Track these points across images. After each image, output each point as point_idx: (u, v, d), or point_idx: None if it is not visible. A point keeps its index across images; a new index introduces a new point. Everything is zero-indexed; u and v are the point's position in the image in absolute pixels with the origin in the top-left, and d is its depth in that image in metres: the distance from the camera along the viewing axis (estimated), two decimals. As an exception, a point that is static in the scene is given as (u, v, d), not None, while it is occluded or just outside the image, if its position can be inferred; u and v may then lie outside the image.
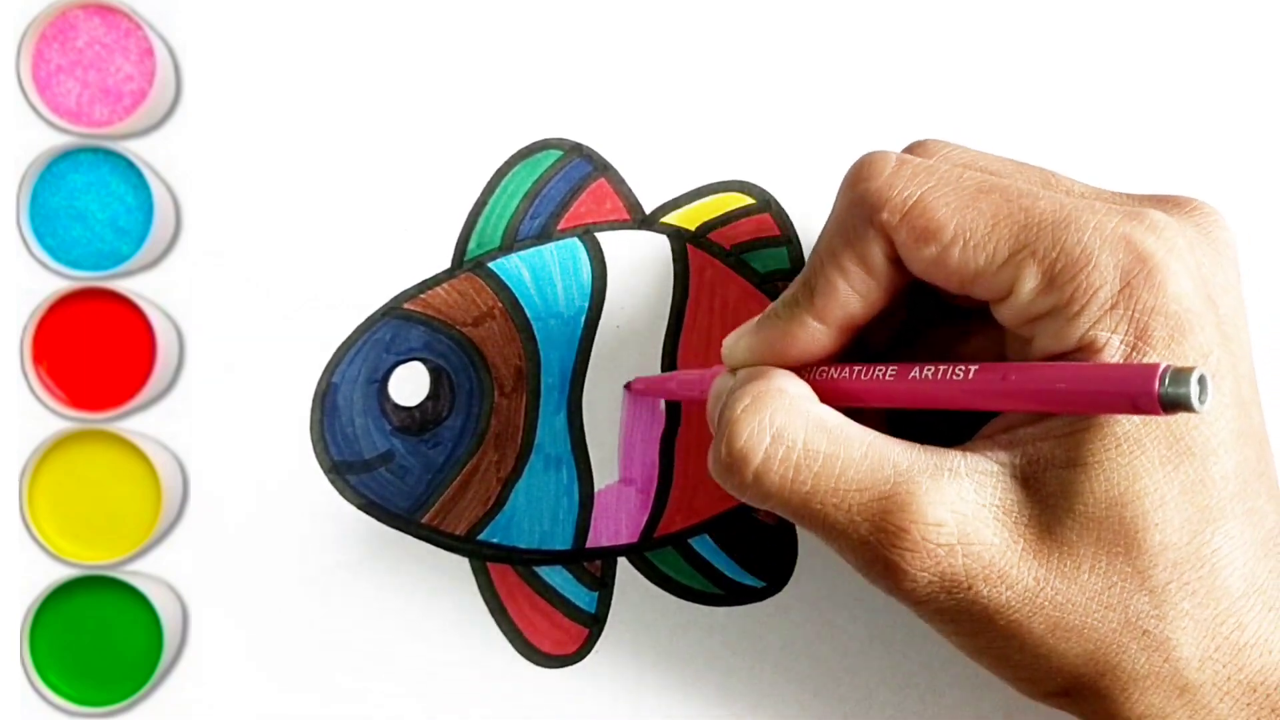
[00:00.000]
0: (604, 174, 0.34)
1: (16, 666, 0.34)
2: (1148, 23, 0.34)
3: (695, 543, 0.34)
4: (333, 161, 0.34)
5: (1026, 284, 0.25)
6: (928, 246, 0.25)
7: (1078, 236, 0.24)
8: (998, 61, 0.34)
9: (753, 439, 0.26)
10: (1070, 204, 0.25)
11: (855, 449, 0.25)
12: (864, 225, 0.26)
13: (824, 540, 0.26)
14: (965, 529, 0.24)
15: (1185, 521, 0.24)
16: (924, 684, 0.34)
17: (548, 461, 0.34)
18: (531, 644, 0.34)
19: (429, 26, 0.34)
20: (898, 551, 0.24)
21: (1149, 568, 0.24)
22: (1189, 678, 0.24)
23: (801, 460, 0.26)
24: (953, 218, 0.25)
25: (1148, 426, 0.24)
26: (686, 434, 0.34)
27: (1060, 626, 0.24)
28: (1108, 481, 0.24)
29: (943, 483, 0.25)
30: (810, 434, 0.26)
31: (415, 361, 0.34)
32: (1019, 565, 0.24)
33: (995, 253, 0.25)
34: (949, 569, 0.24)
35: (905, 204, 0.25)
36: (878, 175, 0.26)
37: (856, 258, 0.26)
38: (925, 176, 0.26)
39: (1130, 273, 0.24)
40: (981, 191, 0.25)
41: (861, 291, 0.27)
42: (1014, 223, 0.25)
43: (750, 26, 0.34)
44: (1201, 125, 0.34)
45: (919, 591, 0.25)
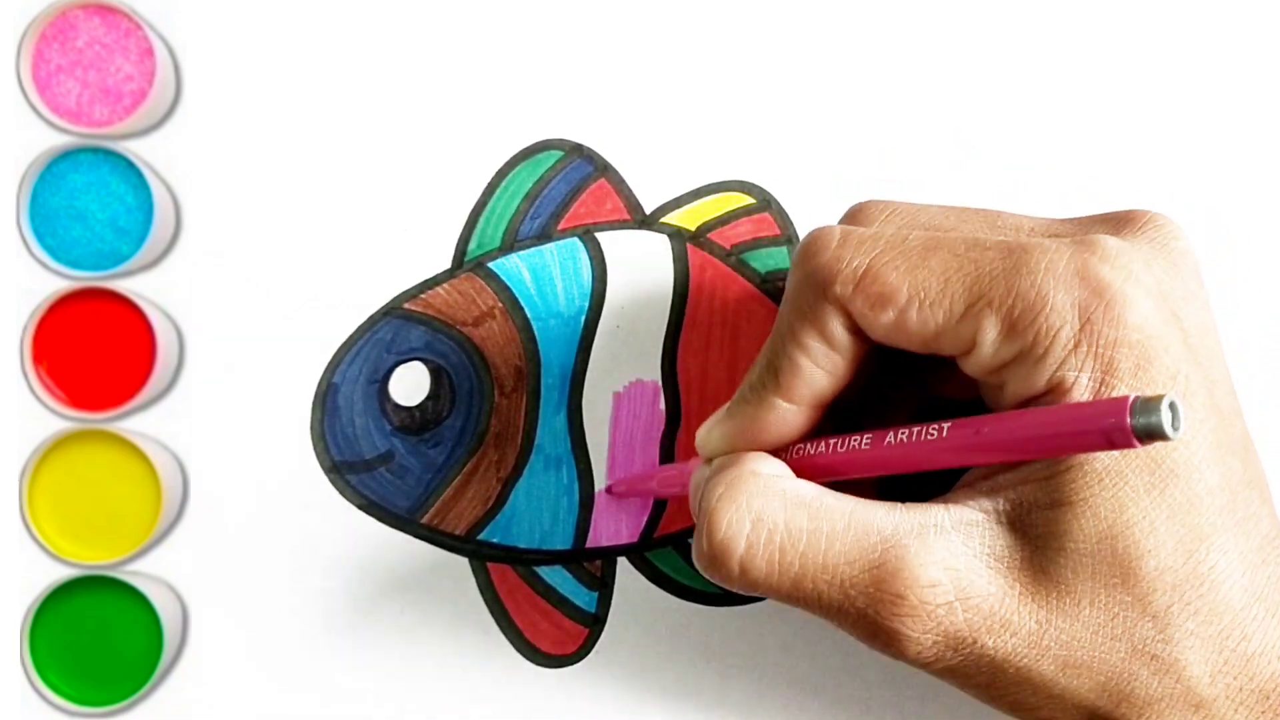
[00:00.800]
0: (604, 174, 0.34)
1: (16, 666, 0.34)
2: (1145, 25, 0.34)
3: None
4: (333, 161, 0.34)
5: (987, 335, 0.24)
6: (884, 312, 0.25)
7: (1030, 280, 0.24)
8: (996, 61, 0.34)
9: (732, 528, 0.26)
10: (1019, 246, 0.25)
11: (837, 521, 0.25)
12: (819, 300, 0.26)
13: (821, 617, 0.26)
14: (961, 584, 0.24)
15: (1178, 543, 0.24)
16: (923, 684, 0.34)
17: (548, 461, 0.34)
18: (531, 644, 0.34)
19: (429, 27, 0.34)
20: (898, 619, 0.24)
21: (1148, 594, 0.24)
22: (1202, 694, 0.24)
23: (785, 541, 0.25)
24: (904, 280, 0.25)
25: (1127, 457, 0.24)
26: (686, 434, 0.34)
27: (1069, 664, 0.24)
28: (1095, 517, 0.24)
29: (930, 541, 0.25)
30: (790, 513, 0.25)
31: (415, 361, 0.34)
32: (1019, 611, 0.24)
33: (952, 308, 0.25)
34: (951, 627, 0.24)
35: (856, 274, 0.25)
36: (825, 250, 0.26)
37: (816, 334, 0.26)
38: (871, 244, 0.26)
39: (1088, 308, 0.24)
40: (929, 250, 0.25)
41: (826, 367, 0.26)
42: (965, 275, 0.25)
43: (750, 27, 0.34)
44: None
45: (925, 654, 0.25)
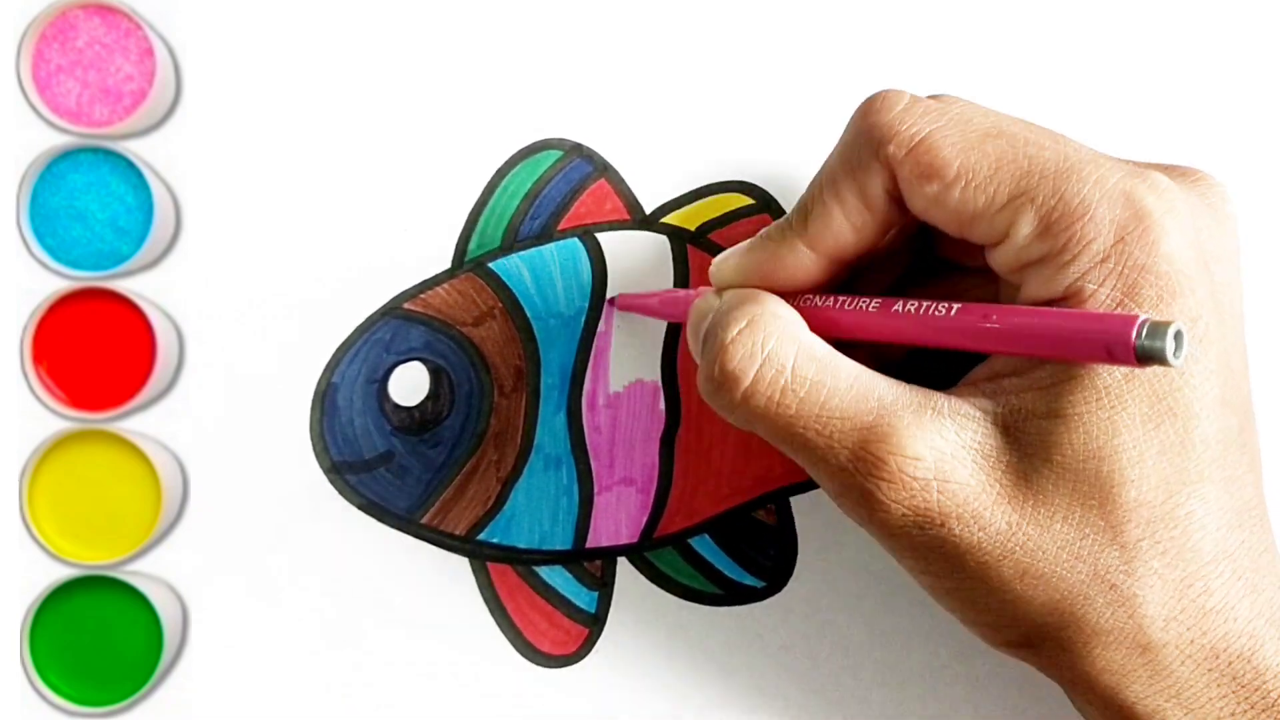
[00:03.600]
0: (604, 174, 0.34)
1: (16, 666, 0.34)
2: (1151, 7, 0.34)
3: (695, 543, 0.34)
4: (333, 161, 0.34)
5: (1022, 229, 0.25)
6: (930, 184, 0.25)
7: (1077, 187, 0.24)
8: (996, 60, 0.34)
9: (745, 360, 0.26)
10: (1075, 156, 0.25)
11: (842, 379, 0.26)
12: (868, 156, 0.26)
13: (804, 465, 0.26)
14: (943, 466, 0.25)
15: (1162, 481, 0.24)
16: (923, 683, 0.34)
17: (547, 461, 0.34)
18: (531, 644, 0.34)
19: (429, 27, 0.34)
20: (874, 481, 0.25)
21: (1121, 523, 0.24)
22: (1152, 636, 0.25)
23: (789, 385, 0.26)
24: (957, 157, 0.25)
25: (1131, 383, 0.24)
26: (686, 434, 0.34)
27: (1029, 573, 0.25)
28: (1086, 434, 0.24)
29: (925, 419, 0.25)
30: (800, 360, 0.26)
31: (415, 361, 0.34)
32: (993, 508, 0.25)
33: (995, 196, 0.25)
34: (923, 503, 0.25)
35: (912, 140, 0.26)
36: (889, 109, 0.26)
37: (856, 188, 0.27)
38: (935, 116, 0.26)
39: (1125, 228, 0.24)
40: (989, 135, 0.25)
41: (856, 223, 0.27)
42: (1017, 168, 0.25)
43: (750, 27, 0.34)
44: (1207, 107, 0.34)
45: (892, 523, 0.25)
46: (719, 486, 0.34)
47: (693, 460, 0.34)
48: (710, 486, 0.34)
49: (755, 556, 0.34)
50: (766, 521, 0.34)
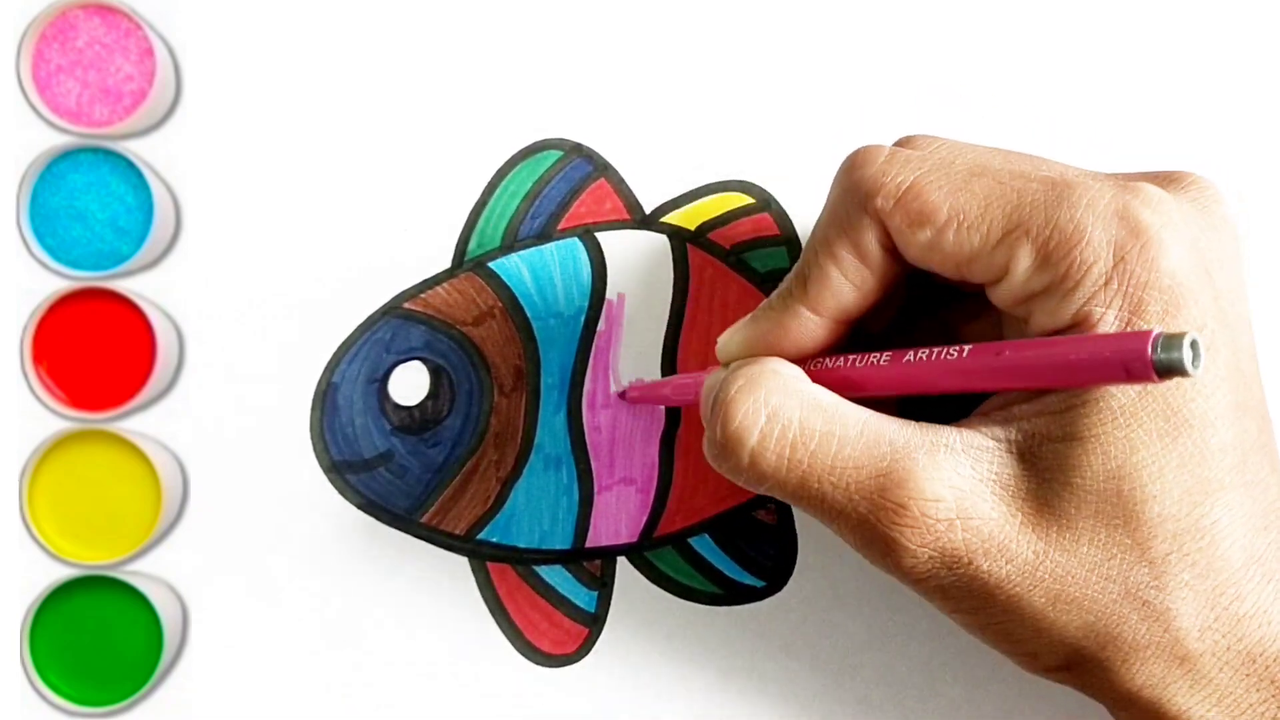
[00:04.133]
0: (604, 174, 0.34)
1: (16, 666, 0.34)
2: (1139, 8, 0.34)
3: (695, 542, 0.34)
4: (332, 161, 0.34)
5: (1021, 263, 0.25)
6: (922, 230, 0.25)
7: (1070, 213, 0.24)
8: (996, 59, 0.34)
9: (747, 419, 0.26)
10: (1062, 181, 0.25)
11: (851, 427, 0.26)
12: (858, 213, 0.26)
13: (822, 520, 0.26)
14: (964, 503, 0.24)
15: (1184, 493, 0.24)
16: (923, 683, 0.34)
17: (547, 461, 0.34)
18: (531, 643, 0.34)
19: (429, 27, 0.34)
20: (897, 529, 0.25)
21: (1148, 539, 0.24)
22: (1189, 647, 0.25)
23: (798, 439, 0.26)
24: (946, 200, 0.25)
25: (1144, 400, 0.24)
26: (686, 434, 0.34)
27: (1061, 599, 0.25)
28: (1105, 455, 0.24)
29: (939, 458, 0.25)
30: (806, 412, 0.26)
31: (415, 361, 0.34)
32: (1018, 539, 0.24)
33: (989, 233, 0.25)
34: (949, 544, 0.24)
35: (899, 189, 0.26)
36: (871, 163, 0.26)
37: (851, 246, 0.26)
38: (918, 164, 0.26)
39: (1124, 247, 0.24)
40: (973, 175, 0.25)
41: (855, 281, 0.27)
42: (1006, 203, 0.25)
43: (749, 27, 0.34)
44: (1195, 110, 0.34)
45: (919, 569, 0.25)
46: (719, 486, 0.34)
47: (693, 460, 0.34)
48: (710, 486, 0.34)
49: (755, 556, 0.34)
50: (766, 521, 0.34)
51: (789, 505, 0.34)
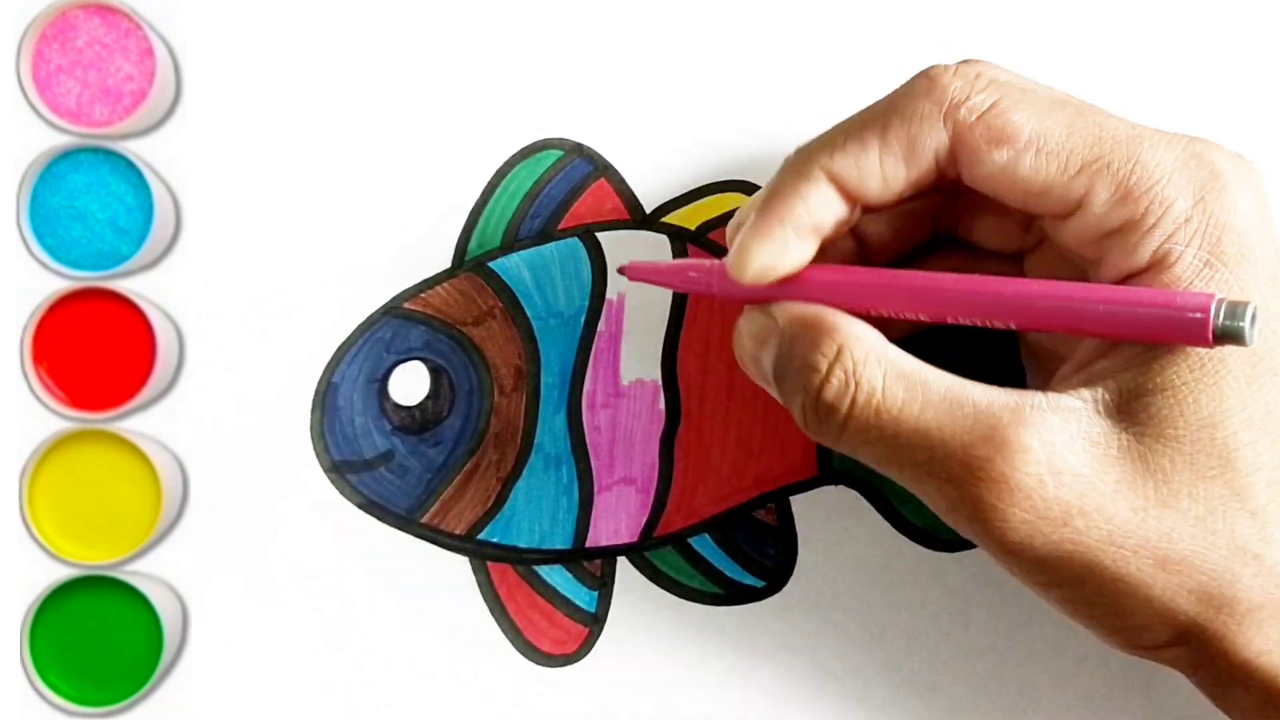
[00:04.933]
0: (604, 174, 0.34)
1: (16, 666, 0.34)
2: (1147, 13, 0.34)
3: (695, 542, 0.34)
4: (332, 161, 0.34)
5: (1099, 196, 0.24)
6: (1000, 150, 0.25)
7: (1152, 152, 0.24)
8: (999, 60, 0.34)
9: (838, 389, 0.26)
10: (1140, 125, 0.25)
11: (934, 391, 0.25)
12: (932, 114, 0.26)
13: (910, 486, 0.26)
14: (1053, 457, 0.24)
15: (1274, 441, 0.24)
16: (923, 683, 0.34)
17: (547, 461, 0.34)
18: (531, 643, 0.34)
19: (429, 27, 0.34)
20: (985, 485, 0.24)
21: (1246, 488, 0.24)
22: None
23: (882, 405, 0.25)
24: (1029, 123, 0.25)
25: (1227, 348, 0.24)
26: (687, 433, 0.34)
27: (1168, 561, 0.24)
28: (1196, 404, 0.24)
29: (1026, 415, 0.24)
30: (890, 380, 0.25)
31: (415, 361, 0.34)
32: (1114, 497, 0.24)
33: (1068, 162, 0.25)
34: (1041, 500, 0.24)
35: (983, 104, 0.25)
36: (959, 76, 0.26)
37: (906, 137, 0.26)
38: (1002, 86, 0.26)
39: (1204, 187, 0.24)
40: (1056, 104, 0.25)
41: (888, 172, 0.26)
42: (1089, 135, 0.25)
43: (750, 27, 0.34)
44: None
45: (1010, 533, 0.24)
46: (719, 486, 0.34)
47: (693, 460, 0.34)
48: (710, 486, 0.34)
49: (755, 556, 0.34)
50: (766, 521, 0.34)
51: (789, 506, 0.34)
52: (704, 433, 0.34)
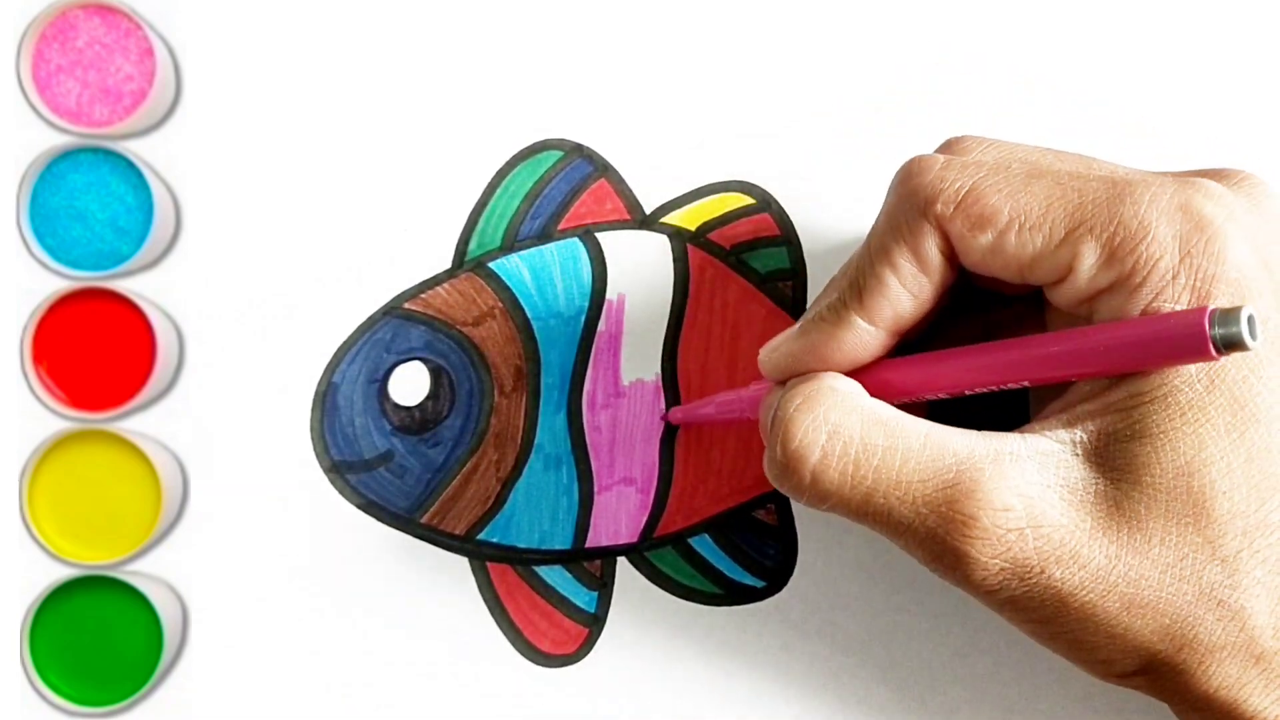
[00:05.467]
0: (604, 174, 0.34)
1: (16, 666, 0.34)
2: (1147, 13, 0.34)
3: (695, 542, 0.34)
4: (333, 162, 0.34)
5: (1086, 261, 0.25)
6: (984, 233, 0.25)
7: (1134, 209, 0.24)
8: (998, 60, 0.34)
9: (808, 437, 0.26)
10: (1121, 179, 0.25)
11: (913, 440, 0.25)
12: (918, 220, 0.26)
13: (890, 537, 0.26)
14: (1033, 512, 0.24)
15: (1252, 489, 0.24)
16: (923, 683, 0.34)
17: (547, 461, 0.34)
18: (531, 643, 0.34)
19: (429, 27, 0.34)
20: (967, 541, 0.24)
21: (1219, 536, 0.24)
22: (1264, 646, 0.24)
23: (860, 455, 0.25)
24: (1006, 202, 0.25)
25: (1211, 394, 0.24)
26: (686, 433, 0.34)
27: (1135, 603, 0.24)
28: (1174, 451, 0.24)
29: (1005, 467, 0.24)
30: (866, 428, 0.26)
31: (415, 361, 0.34)
32: (1089, 544, 0.24)
33: (1052, 233, 0.25)
34: (1020, 554, 0.24)
35: (959, 194, 0.25)
36: (928, 170, 0.26)
37: (910, 253, 0.26)
38: (975, 168, 0.26)
39: (1189, 241, 0.24)
40: (1032, 176, 0.25)
41: (913, 289, 0.26)
42: (1068, 202, 0.25)
43: (750, 27, 0.34)
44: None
45: (990, 581, 0.25)
46: (719, 486, 0.34)
47: (693, 460, 0.34)
48: (710, 486, 0.34)
49: (755, 556, 0.34)
50: (766, 521, 0.34)
51: (789, 506, 0.34)
52: (704, 433, 0.34)
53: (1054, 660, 0.33)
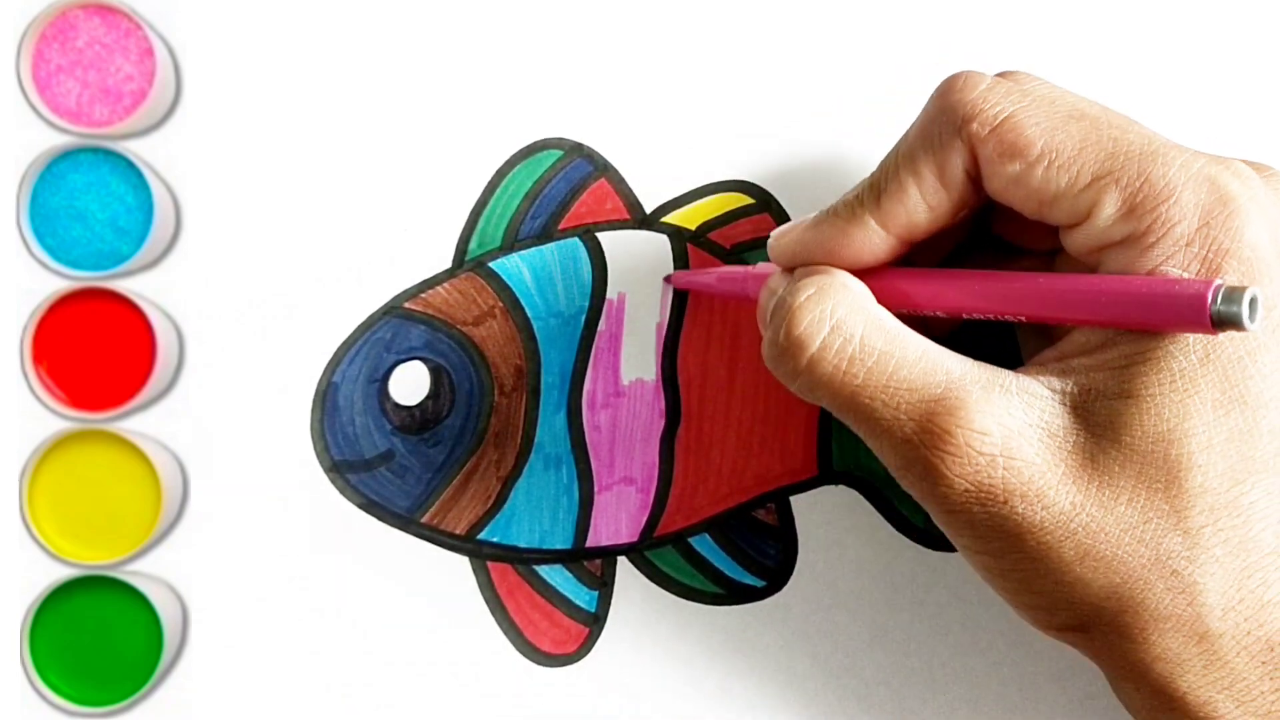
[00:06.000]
0: (604, 174, 0.34)
1: (16, 666, 0.34)
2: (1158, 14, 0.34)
3: (695, 542, 0.34)
4: (333, 161, 0.34)
5: (1106, 209, 0.25)
6: (1012, 163, 0.25)
7: (1163, 170, 0.24)
8: (998, 60, 0.34)
9: (812, 326, 0.26)
10: (1158, 141, 0.25)
11: (911, 351, 0.26)
12: (950, 134, 0.26)
13: (865, 437, 0.26)
14: (1009, 443, 0.24)
15: (1228, 469, 0.24)
16: (923, 682, 0.34)
17: (547, 461, 0.34)
18: (531, 643, 0.34)
19: (429, 27, 0.34)
20: (939, 454, 0.25)
21: (1186, 508, 0.24)
22: (1210, 625, 0.24)
23: (857, 354, 0.26)
24: (1041, 136, 0.25)
25: (1204, 367, 0.24)
26: (687, 433, 0.34)
27: (1090, 555, 0.24)
28: (1158, 416, 0.24)
29: (993, 395, 0.25)
30: (868, 330, 0.26)
31: (415, 361, 0.34)
32: (1057, 487, 0.24)
33: (1079, 175, 0.25)
34: (987, 479, 0.24)
35: (996, 118, 0.26)
36: (971, 88, 0.26)
37: (935, 165, 0.26)
38: (1018, 96, 0.26)
39: (1210, 212, 0.24)
40: (1072, 117, 0.26)
41: (931, 202, 0.27)
42: (1101, 149, 0.25)
43: (750, 27, 0.34)
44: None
45: (953, 498, 0.25)
46: (719, 486, 0.34)
47: (693, 459, 0.34)
48: (710, 486, 0.34)
49: (755, 556, 0.34)
50: (766, 521, 0.34)
51: (789, 506, 0.34)
52: (704, 432, 0.34)
53: (1054, 661, 0.33)
